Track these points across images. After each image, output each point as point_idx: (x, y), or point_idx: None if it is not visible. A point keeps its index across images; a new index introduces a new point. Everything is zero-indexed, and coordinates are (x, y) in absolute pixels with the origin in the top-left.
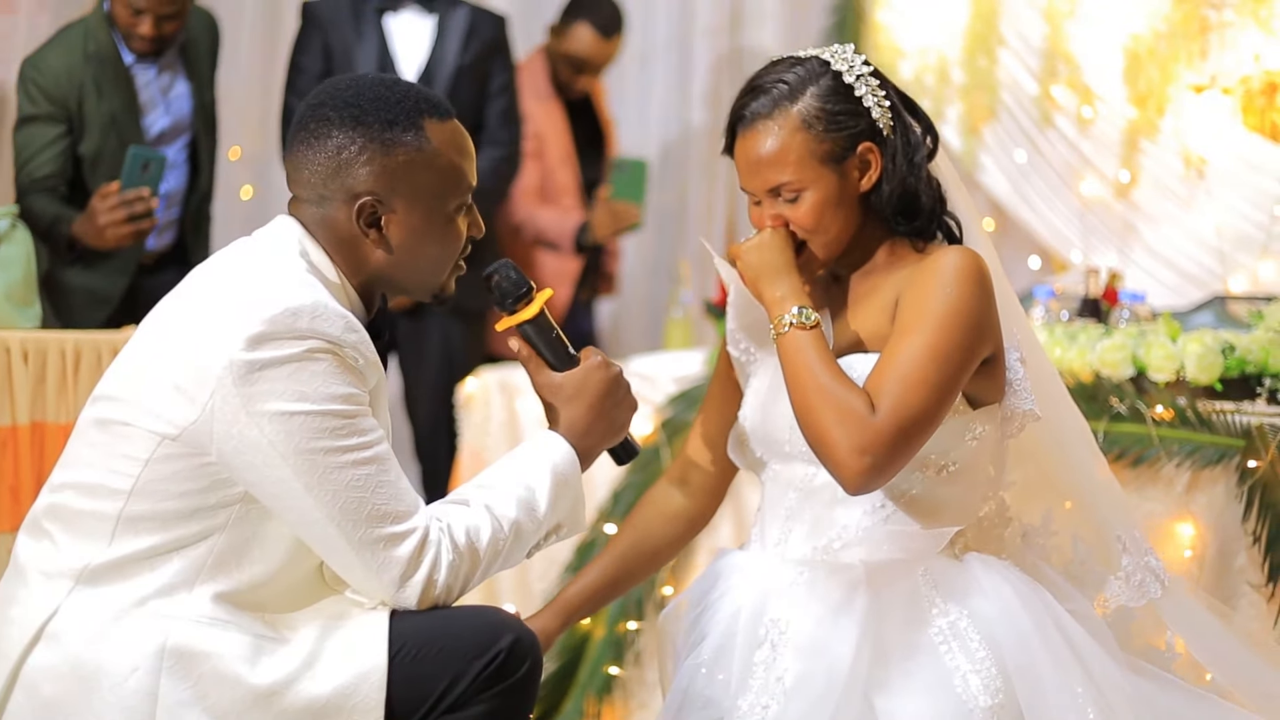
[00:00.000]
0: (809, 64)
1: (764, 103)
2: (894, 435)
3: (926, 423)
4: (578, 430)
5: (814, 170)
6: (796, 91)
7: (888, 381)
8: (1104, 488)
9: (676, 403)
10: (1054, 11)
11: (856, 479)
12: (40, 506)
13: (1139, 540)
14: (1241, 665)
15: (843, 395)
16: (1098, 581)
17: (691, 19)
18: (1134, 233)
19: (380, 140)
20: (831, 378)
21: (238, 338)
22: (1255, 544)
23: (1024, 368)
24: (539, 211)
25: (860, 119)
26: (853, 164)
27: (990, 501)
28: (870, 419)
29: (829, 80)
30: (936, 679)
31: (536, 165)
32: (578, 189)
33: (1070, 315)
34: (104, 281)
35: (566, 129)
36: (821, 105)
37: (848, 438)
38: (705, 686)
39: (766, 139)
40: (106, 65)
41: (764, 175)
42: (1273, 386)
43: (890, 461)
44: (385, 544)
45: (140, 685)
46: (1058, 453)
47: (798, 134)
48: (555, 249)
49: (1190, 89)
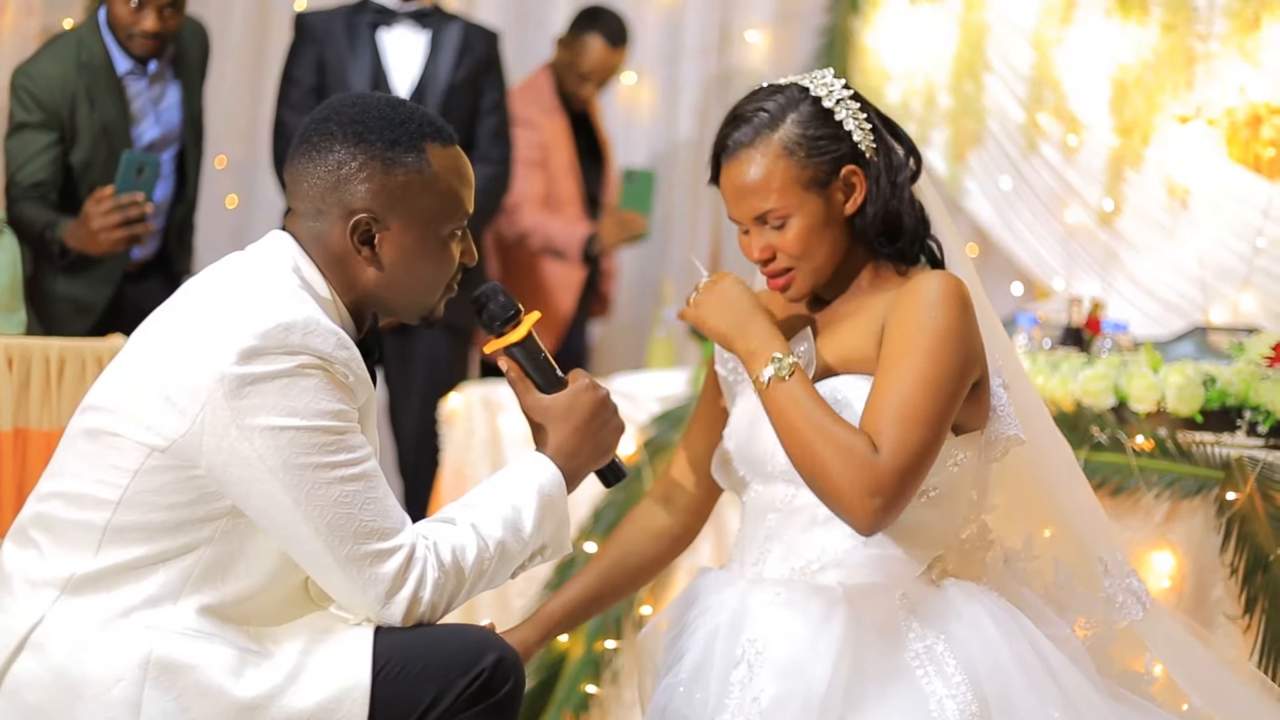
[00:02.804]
0: (789, 91)
1: (746, 132)
2: (900, 474)
3: (928, 456)
4: (565, 452)
5: (798, 196)
6: (777, 119)
7: (885, 419)
8: (1086, 511)
9: (660, 422)
10: (1041, 39)
11: (869, 521)
12: (27, 515)
13: (1121, 562)
14: (1221, 689)
15: (843, 439)
16: (1079, 604)
17: (680, 39)
18: (1117, 261)
19: (381, 159)
20: (828, 422)
21: (229, 351)
22: (1232, 575)
23: (1007, 393)
24: (548, 220)
25: (842, 143)
26: (837, 187)
27: (972, 525)
28: (874, 460)
29: (809, 106)
30: (912, 703)
31: (541, 175)
32: (581, 199)
33: (1053, 343)
34: (88, 290)
35: (570, 141)
36: (803, 131)
37: (856, 481)
38: (683, 706)
39: (750, 167)
40: (99, 75)
41: (749, 203)
42: (1253, 419)
43: (899, 499)
44: (371, 561)
45: (124, 696)
46: (1040, 476)
47: (780, 161)
48: (562, 258)
49: (1175, 119)
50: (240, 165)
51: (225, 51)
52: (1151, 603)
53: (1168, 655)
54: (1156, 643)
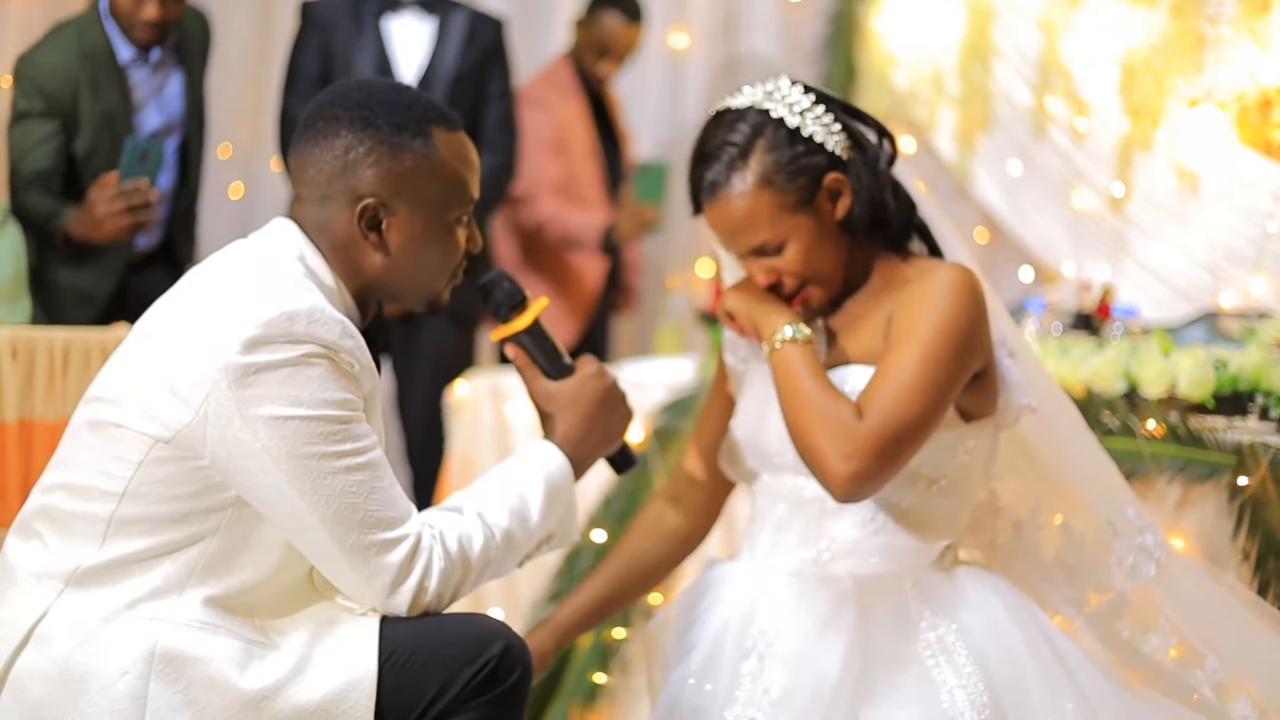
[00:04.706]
0: (750, 118)
1: (719, 170)
2: (880, 441)
3: (915, 430)
4: (572, 439)
5: (789, 222)
6: (746, 151)
7: (877, 391)
8: (1092, 475)
9: (668, 410)
10: (1049, 23)
11: (843, 485)
12: (31, 507)
13: (1131, 521)
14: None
15: (829, 404)
16: (1089, 569)
17: (686, 26)
18: (1126, 246)
19: (388, 143)
20: (820, 389)
21: (234, 341)
22: (1245, 561)
23: (1014, 361)
24: (566, 210)
25: (816, 155)
26: (823, 199)
27: (981, 491)
28: (856, 426)
29: (774, 129)
30: (923, 693)
31: (560, 159)
32: (602, 183)
33: (1063, 328)
34: (92, 280)
35: (590, 124)
36: (776, 158)
37: (834, 445)
38: (693, 697)
39: (732, 206)
40: (101, 63)
41: (741, 240)
42: (1264, 404)
43: (878, 468)
44: (377, 550)
45: (129, 689)
46: (1046, 440)
47: (762, 194)
48: (581, 248)
49: (1185, 103)
50: (245, 154)
51: (229, 40)
52: (1168, 556)
53: (1180, 615)
54: (1168, 604)
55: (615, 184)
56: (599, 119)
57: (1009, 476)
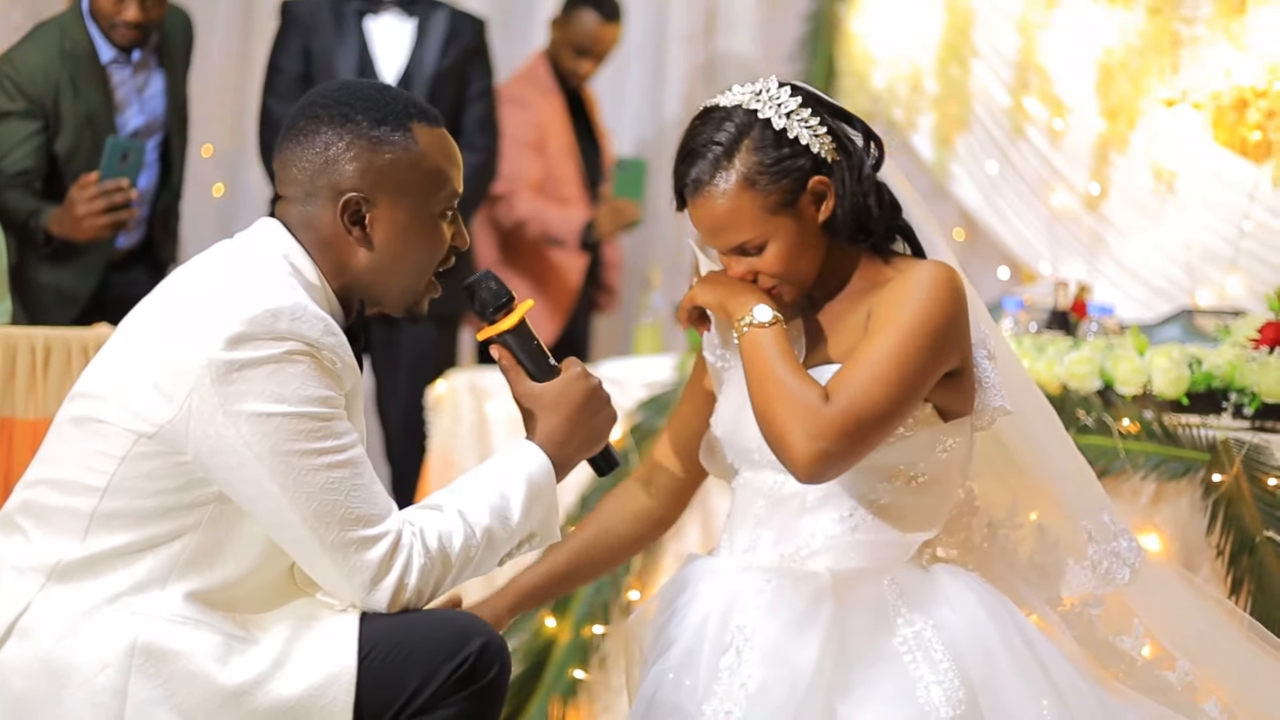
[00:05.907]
0: (736, 117)
1: (703, 169)
2: (846, 423)
3: (882, 418)
4: (555, 440)
5: (770, 222)
6: (732, 150)
7: (848, 376)
8: (1069, 478)
9: (646, 408)
10: (1027, 23)
11: (806, 465)
12: (13, 502)
13: (1106, 526)
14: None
15: (797, 385)
16: (1063, 571)
17: (665, 25)
18: (1103, 245)
19: (368, 138)
20: (789, 370)
21: (217, 337)
22: (1219, 557)
23: (992, 364)
24: (545, 207)
25: (801, 157)
26: (806, 201)
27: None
28: (822, 408)
29: (760, 130)
30: (899, 688)
31: (538, 158)
32: (581, 181)
33: (1039, 327)
34: (73, 279)
35: (568, 122)
36: (760, 159)
37: (799, 424)
38: (672, 693)
39: (714, 205)
40: (82, 63)
41: (723, 238)
42: (1238, 401)
43: (842, 451)
44: (357, 547)
45: (110, 683)
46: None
47: (745, 194)
48: (561, 245)
49: (1161, 103)
50: (227, 154)
51: (211, 40)
52: (1142, 562)
53: (1153, 620)
54: (1142, 607)
55: (594, 181)
56: (577, 117)
57: (987, 476)
